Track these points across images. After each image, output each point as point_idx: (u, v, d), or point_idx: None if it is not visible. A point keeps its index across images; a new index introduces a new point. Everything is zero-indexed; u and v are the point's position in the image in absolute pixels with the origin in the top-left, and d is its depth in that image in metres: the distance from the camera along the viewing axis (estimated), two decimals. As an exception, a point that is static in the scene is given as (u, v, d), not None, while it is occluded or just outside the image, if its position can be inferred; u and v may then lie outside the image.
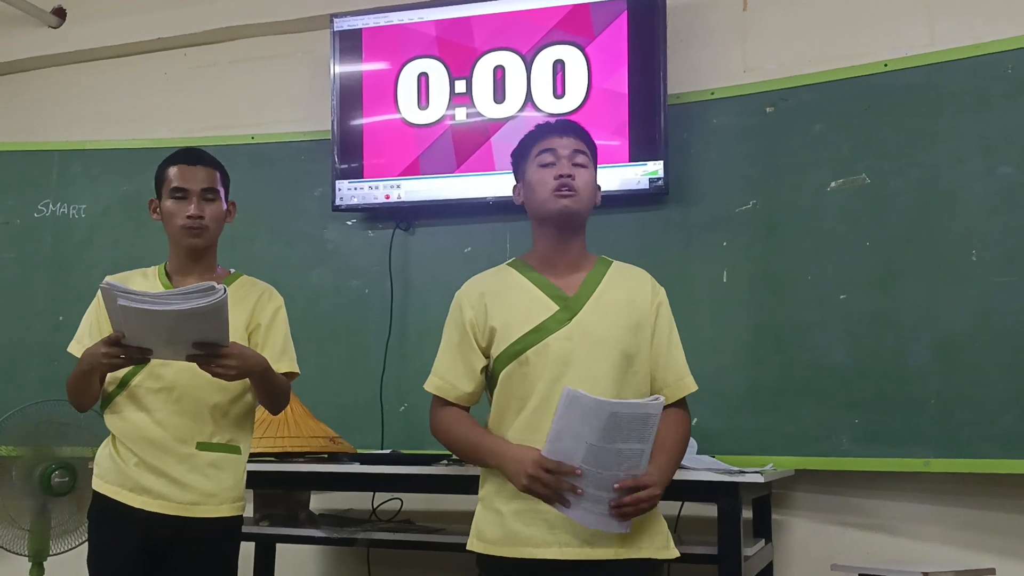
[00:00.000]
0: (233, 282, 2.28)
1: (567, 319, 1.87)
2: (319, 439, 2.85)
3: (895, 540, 2.82)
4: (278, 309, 2.30)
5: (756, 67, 3.13)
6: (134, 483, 2.11)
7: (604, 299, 1.91)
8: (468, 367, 1.92)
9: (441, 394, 1.94)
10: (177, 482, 2.12)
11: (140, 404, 2.14)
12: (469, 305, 1.94)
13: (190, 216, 2.18)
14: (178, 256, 2.25)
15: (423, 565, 3.21)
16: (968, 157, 2.75)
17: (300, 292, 3.39)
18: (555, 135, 1.95)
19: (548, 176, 1.91)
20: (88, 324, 2.22)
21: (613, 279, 1.95)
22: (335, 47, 3.41)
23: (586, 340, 1.86)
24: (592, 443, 1.64)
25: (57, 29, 4.03)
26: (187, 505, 2.12)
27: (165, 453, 2.12)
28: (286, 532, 2.85)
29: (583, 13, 3.17)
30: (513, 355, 1.87)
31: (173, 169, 2.22)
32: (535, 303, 1.90)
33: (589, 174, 1.94)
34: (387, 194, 3.33)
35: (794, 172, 2.96)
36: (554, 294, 1.91)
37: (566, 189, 1.89)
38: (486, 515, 1.88)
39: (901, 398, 2.73)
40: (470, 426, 1.92)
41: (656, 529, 1.86)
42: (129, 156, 3.66)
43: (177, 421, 2.13)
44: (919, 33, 2.94)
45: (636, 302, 1.93)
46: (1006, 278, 2.65)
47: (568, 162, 1.91)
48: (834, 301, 2.85)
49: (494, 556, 1.84)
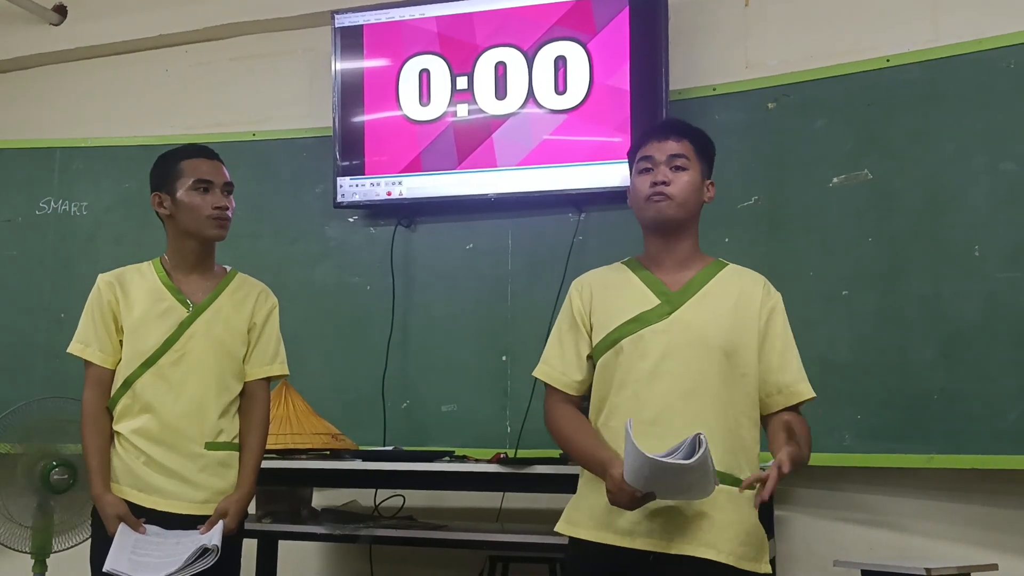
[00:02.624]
0: (231, 281, 2.28)
1: (667, 313, 1.88)
2: (321, 436, 2.85)
3: (898, 536, 2.82)
4: (272, 310, 2.31)
5: (758, 63, 3.13)
6: (144, 483, 2.12)
7: (709, 297, 1.91)
8: (577, 355, 1.93)
9: (549, 380, 1.95)
10: (189, 481, 2.12)
11: (146, 404, 2.14)
12: (578, 295, 1.97)
13: (218, 207, 2.18)
14: (181, 251, 2.23)
15: (426, 562, 3.22)
16: (971, 153, 2.74)
17: (302, 289, 3.41)
18: (655, 139, 1.95)
19: (644, 183, 1.92)
20: (91, 324, 2.20)
21: (723, 279, 1.95)
22: (336, 44, 3.41)
23: (685, 335, 1.85)
24: (647, 476, 1.66)
25: (58, 26, 4.03)
26: (200, 504, 2.12)
27: (174, 452, 2.13)
28: (289, 529, 2.85)
29: (585, 9, 3.16)
30: (610, 343, 1.88)
31: (192, 162, 2.21)
32: (637, 296, 1.91)
33: (690, 176, 1.92)
34: (389, 191, 3.33)
35: (796, 168, 2.96)
36: (658, 289, 1.91)
37: (657, 196, 1.89)
38: (578, 501, 1.90)
39: (904, 394, 2.72)
40: (582, 430, 1.90)
41: (746, 537, 1.82)
42: (131, 153, 3.66)
43: (184, 422, 2.14)
44: (921, 28, 2.93)
45: (744, 303, 1.92)
46: (1010, 273, 2.64)
47: (665, 167, 1.91)
48: (837, 297, 2.84)
49: (577, 539, 1.85)
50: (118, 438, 2.16)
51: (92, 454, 2.14)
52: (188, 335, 2.17)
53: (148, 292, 2.20)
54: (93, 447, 2.14)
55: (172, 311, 2.19)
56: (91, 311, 2.22)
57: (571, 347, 1.94)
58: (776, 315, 1.95)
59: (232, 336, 2.22)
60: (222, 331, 2.21)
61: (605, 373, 1.89)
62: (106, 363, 2.18)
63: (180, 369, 2.14)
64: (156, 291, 2.21)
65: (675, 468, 1.63)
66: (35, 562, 2.99)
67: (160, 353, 2.15)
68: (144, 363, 2.15)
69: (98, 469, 2.12)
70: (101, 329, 2.18)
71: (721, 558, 1.78)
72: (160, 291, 2.21)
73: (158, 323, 2.17)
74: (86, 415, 2.17)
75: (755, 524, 1.85)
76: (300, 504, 2.97)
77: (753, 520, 1.84)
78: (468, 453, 2.89)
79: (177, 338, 2.17)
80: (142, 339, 2.16)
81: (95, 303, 2.21)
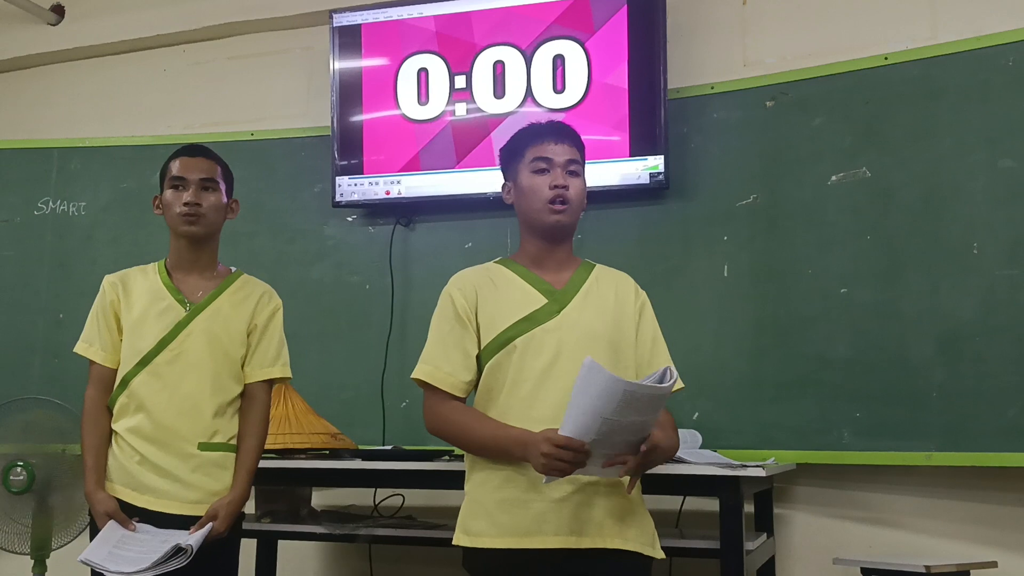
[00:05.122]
0: (234, 281, 2.28)
1: (556, 311, 1.90)
2: (321, 435, 2.85)
3: (897, 534, 2.82)
4: (275, 312, 2.31)
5: (756, 61, 3.13)
6: (138, 482, 2.12)
7: (591, 295, 1.94)
8: (464, 355, 1.90)
9: (434, 382, 1.90)
10: (181, 481, 2.12)
11: (142, 403, 2.14)
12: (461, 295, 1.94)
13: (186, 203, 2.19)
14: (178, 251, 2.25)
15: (425, 561, 3.22)
16: (969, 150, 2.74)
17: (301, 288, 3.40)
18: (550, 140, 1.95)
19: (542, 185, 1.92)
20: (96, 325, 2.22)
21: (599, 278, 1.98)
22: (334, 43, 3.40)
23: (574, 332, 1.88)
24: (607, 417, 1.65)
25: (56, 26, 4.02)
26: (192, 504, 2.12)
27: (167, 452, 2.13)
28: (288, 528, 2.85)
29: (583, 8, 3.16)
30: (501, 344, 1.88)
31: (175, 162, 2.24)
32: (524, 295, 1.92)
33: (581, 183, 1.96)
34: (387, 190, 3.32)
35: (795, 166, 2.96)
36: (543, 288, 1.93)
37: (560, 202, 1.91)
38: (471, 508, 1.88)
39: (903, 391, 2.72)
40: (477, 416, 1.88)
41: (644, 526, 1.87)
42: (129, 153, 3.66)
43: (178, 421, 2.14)
44: (920, 26, 2.93)
45: (621, 300, 1.96)
46: (1009, 271, 2.65)
47: (563, 172, 1.92)
48: (835, 294, 2.84)
49: (479, 548, 1.83)
50: (115, 437, 2.17)
51: (88, 452, 2.15)
52: (185, 334, 2.17)
53: (148, 292, 2.22)
54: (89, 445, 2.15)
55: (170, 310, 2.19)
56: (95, 311, 2.24)
57: (457, 347, 1.90)
58: (646, 310, 1.99)
59: (230, 337, 2.22)
60: (220, 331, 2.21)
61: (496, 373, 1.88)
62: (107, 362, 2.19)
63: (175, 368, 2.14)
64: (156, 291, 2.22)
65: (651, 392, 1.65)
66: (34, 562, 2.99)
67: (156, 352, 2.15)
68: (140, 362, 2.15)
69: (92, 467, 2.13)
70: (104, 329, 2.20)
71: (629, 546, 1.81)
72: (160, 291, 2.22)
73: (155, 322, 2.18)
74: (86, 413, 2.18)
75: (646, 510, 1.90)
76: (299, 504, 2.97)
77: (644, 507, 1.90)
78: (467, 452, 2.88)
79: (173, 337, 2.17)
80: (139, 338, 2.17)
81: (99, 303, 2.24)
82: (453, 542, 1.88)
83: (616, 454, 1.71)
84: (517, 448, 1.78)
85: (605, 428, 1.66)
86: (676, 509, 2.76)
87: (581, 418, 1.66)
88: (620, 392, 1.63)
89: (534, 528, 1.79)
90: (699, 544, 2.38)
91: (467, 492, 1.91)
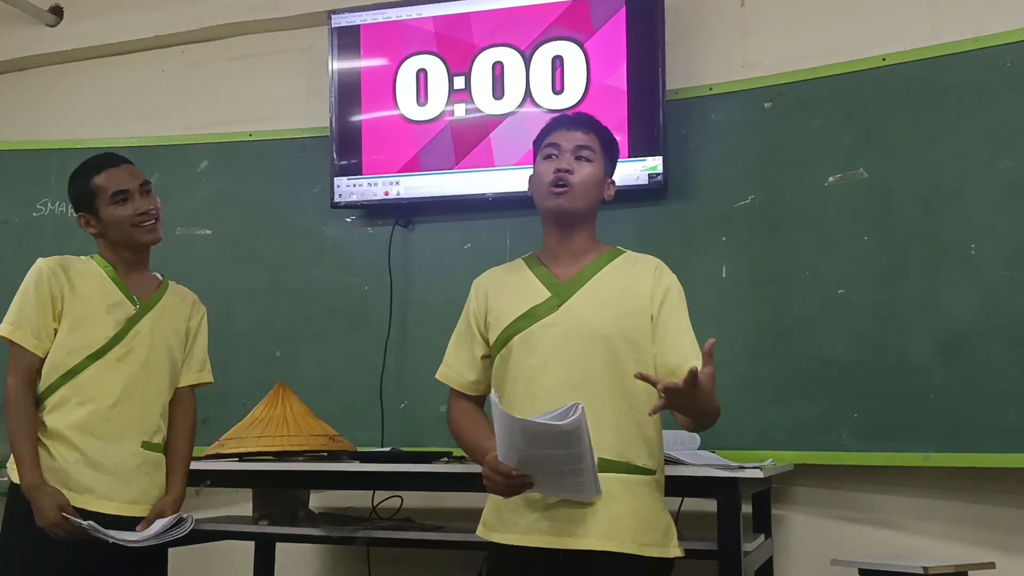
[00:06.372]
0: (166, 290, 2.30)
1: (556, 306, 1.88)
2: (318, 437, 2.84)
3: (895, 535, 2.82)
4: (203, 318, 2.36)
5: (755, 62, 3.12)
6: (75, 482, 2.08)
7: (598, 287, 1.90)
8: (470, 355, 1.97)
9: (446, 381, 2.00)
10: (122, 479, 2.12)
11: (88, 397, 2.11)
12: (475, 295, 1.99)
13: (141, 213, 2.18)
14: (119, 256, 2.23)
15: (423, 563, 3.21)
16: (969, 151, 2.74)
17: (300, 289, 3.40)
18: (563, 128, 1.95)
19: (547, 169, 1.91)
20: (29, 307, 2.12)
21: (614, 268, 1.93)
22: (333, 43, 3.40)
23: (572, 326, 1.85)
24: (521, 448, 1.66)
25: (54, 27, 4.02)
26: (128, 504, 2.12)
27: (112, 448, 2.12)
28: (285, 531, 2.84)
29: (582, 9, 3.16)
30: (503, 341, 1.89)
31: (103, 176, 2.21)
32: (531, 291, 1.91)
33: (592, 168, 1.92)
34: (386, 191, 3.32)
35: (793, 167, 2.95)
36: (548, 282, 1.92)
37: (561, 184, 1.88)
38: (490, 502, 1.93)
39: (901, 392, 2.72)
40: (471, 424, 1.96)
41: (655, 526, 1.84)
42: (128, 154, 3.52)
43: (126, 418, 2.14)
44: (919, 27, 2.93)
45: (633, 289, 1.90)
46: (1008, 272, 2.64)
47: (570, 156, 1.91)
48: (833, 296, 2.84)
49: (488, 541, 1.90)
50: (45, 435, 2.10)
51: (24, 442, 2.05)
52: (134, 332, 2.18)
53: (96, 285, 2.19)
54: (25, 435, 2.05)
55: (121, 306, 2.19)
56: (29, 294, 2.15)
57: (466, 348, 1.97)
58: (669, 295, 1.89)
59: (176, 339, 2.26)
60: (167, 331, 2.24)
61: (499, 371, 1.91)
62: (38, 350, 2.12)
63: (125, 365, 2.14)
64: (104, 284, 2.20)
65: (545, 430, 1.59)
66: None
67: (108, 347, 2.14)
68: (91, 355, 2.13)
69: (33, 458, 2.05)
70: (39, 314, 2.13)
71: (623, 548, 1.78)
72: (108, 284, 2.20)
73: (107, 317, 2.16)
74: (13, 402, 2.07)
75: (657, 509, 1.84)
76: (297, 506, 2.97)
77: (655, 506, 1.84)
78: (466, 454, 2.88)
79: (125, 334, 2.17)
80: (90, 331, 2.14)
81: (35, 286, 2.15)
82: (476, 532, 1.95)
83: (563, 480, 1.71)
84: (481, 462, 1.82)
85: (526, 457, 1.67)
86: (674, 510, 2.75)
87: (502, 446, 1.69)
88: (517, 428, 1.63)
89: (529, 526, 1.81)
90: (697, 546, 2.37)
91: None
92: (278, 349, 3.38)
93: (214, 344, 2.46)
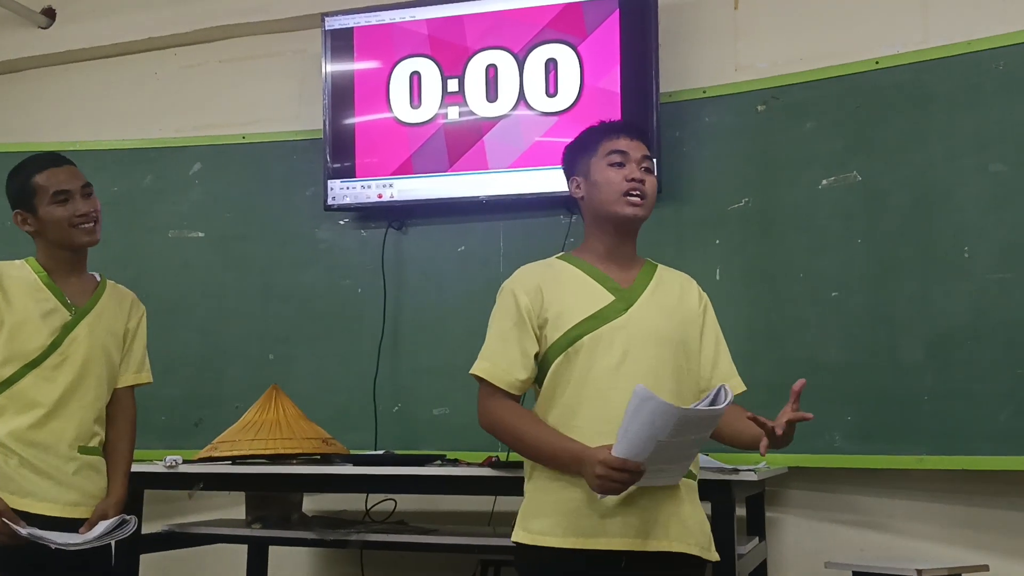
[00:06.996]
0: (104, 291, 2.28)
1: (623, 309, 1.89)
2: (312, 440, 2.83)
3: (889, 537, 2.82)
4: (142, 317, 2.34)
5: (748, 65, 3.13)
6: (17, 485, 2.09)
7: (658, 294, 1.94)
8: (523, 353, 1.88)
9: (491, 379, 1.88)
10: (62, 483, 2.12)
11: (25, 405, 2.12)
12: (524, 292, 1.91)
13: (81, 215, 2.17)
14: (56, 258, 2.21)
15: (417, 566, 3.21)
16: (960, 154, 2.75)
17: (293, 292, 3.40)
18: (625, 136, 1.95)
19: (617, 177, 1.92)
20: None
21: (663, 278, 1.99)
22: (326, 46, 3.40)
23: (641, 330, 1.87)
24: (661, 439, 1.66)
25: (47, 29, 4.01)
26: (70, 506, 2.13)
27: (49, 454, 2.12)
28: (279, 534, 2.84)
29: (575, 12, 3.16)
30: (569, 342, 1.86)
31: (44, 175, 2.17)
32: (592, 293, 1.91)
33: (654, 180, 1.97)
34: (379, 193, 3.32)
35: (786, 170, 2.96)
36: (610, 286, 1.92)
37: (637, 195, 1.91)
38: (534, 507, 1.87)
39: (894, 395, 2.73)
40: (533, 420, 1.87)
41: (704, 528, 1.89)
42: (120, 156, 3.65)
43: (63, 424, 2.14)
44: (911, 30, 2.94)
45: (685, 301, 1.97)
46: (1000, 275, 2.65)
47: (638, 167, 1.93)
48: (827, 298, 2.85)
49: (542, 547, 1.82)
50: None
51: None
52: (71, 338, 2.17)
53: (30, 291, 2.17)
54: None
55: (56, 313, 2.17)
56: None
57: (515, 345, 1.89)
58: (709, 312, 2.00)
59: (114, 341, 2.25)
60: (104, 335, 2.22)
61: (562, 371, 1.87)
62: None
63: (62, 372, 2.14)
64: (38, 291, 2.18)
65: (705, 415, 1.66)
66: None
67: (45, 356, 2.14)
68: (27, 364, 2.13)
69: None
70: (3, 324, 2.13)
71: (692, 550, 1.83)
72: (42, 291, 2.18)
73: (42, 324, 2.15)
74: None
75: (704, 513, 1.93)
76: (290, 509, 2.96)
77: (702, 510, 1.93)
78: (460, 456, 2.87)
79: (61, 341, 2.16)
80: (26, 340, 2.13)
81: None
82: (512, 539, 1.87)
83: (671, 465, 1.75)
84: (572, 462, 1.78)
85: (659, 448, 1.67)
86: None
87: (635, 441, 1.67)
88: (675, 418, 1.64)
89: (598, 529, 1.79)
90: (691, 548, 2.37)
91: (528, 492, 1.90)
92: (271, 352, 3.38)
93: (207, 347, 2.46)
